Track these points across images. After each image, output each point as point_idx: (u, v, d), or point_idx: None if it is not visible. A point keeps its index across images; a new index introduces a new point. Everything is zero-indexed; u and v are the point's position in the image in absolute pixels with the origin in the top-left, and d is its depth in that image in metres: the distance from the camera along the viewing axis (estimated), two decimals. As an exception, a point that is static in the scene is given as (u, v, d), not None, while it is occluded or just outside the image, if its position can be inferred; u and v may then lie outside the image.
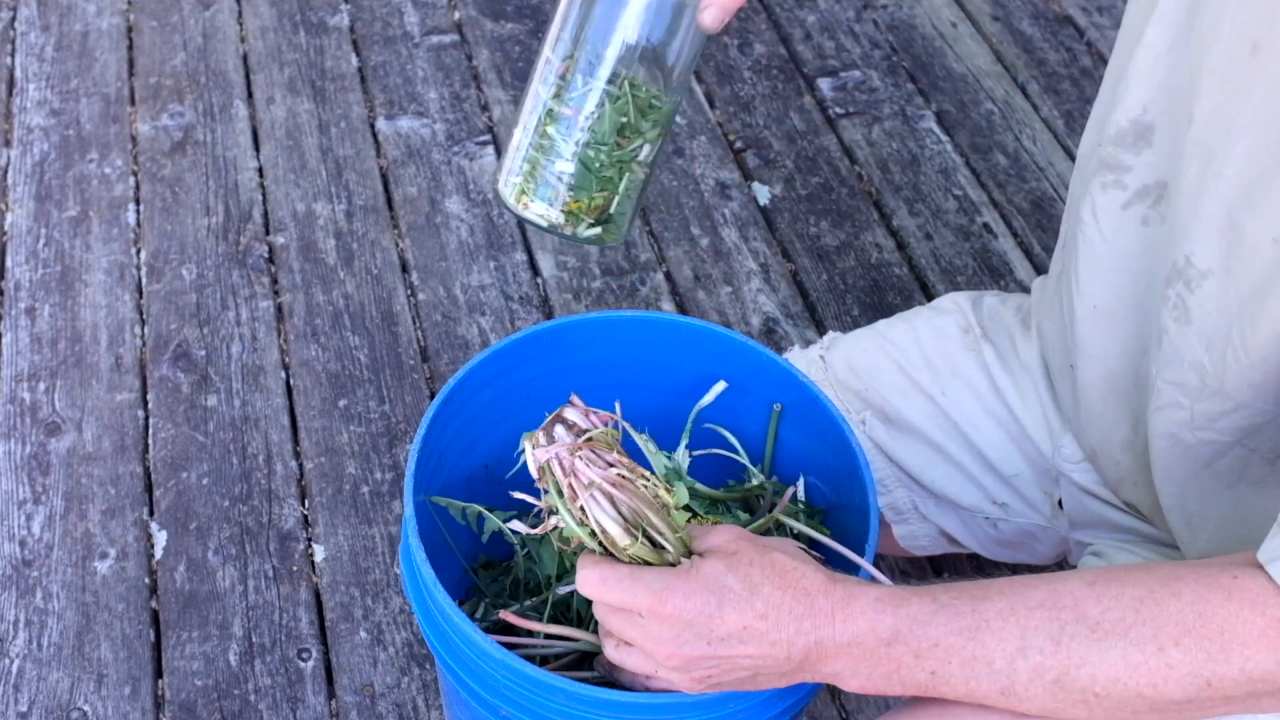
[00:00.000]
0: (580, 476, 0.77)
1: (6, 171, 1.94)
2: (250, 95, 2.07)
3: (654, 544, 0.79)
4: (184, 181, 1.93)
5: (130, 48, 2.14)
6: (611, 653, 0.83)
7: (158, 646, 1.42)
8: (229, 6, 2.21)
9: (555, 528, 0.81)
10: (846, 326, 1.76)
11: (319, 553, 1.51)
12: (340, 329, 1.74)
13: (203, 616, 1.44)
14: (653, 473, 0.83)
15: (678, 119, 2.04)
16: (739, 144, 2.03)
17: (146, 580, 1.48)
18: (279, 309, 1.76)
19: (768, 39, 2.21)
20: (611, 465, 0.78)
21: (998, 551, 1.27)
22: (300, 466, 1.59)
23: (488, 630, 0.89)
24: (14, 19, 2.17)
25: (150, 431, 1.62)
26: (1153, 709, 0.75)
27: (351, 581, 1.48)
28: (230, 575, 1.48)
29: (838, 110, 2.08)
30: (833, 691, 1.42)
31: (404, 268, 1.83)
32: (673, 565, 0.79)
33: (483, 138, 2.01)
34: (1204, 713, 0.76)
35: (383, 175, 1.96)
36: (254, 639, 1.43)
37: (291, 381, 1.68)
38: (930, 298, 1.82)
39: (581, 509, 0.78)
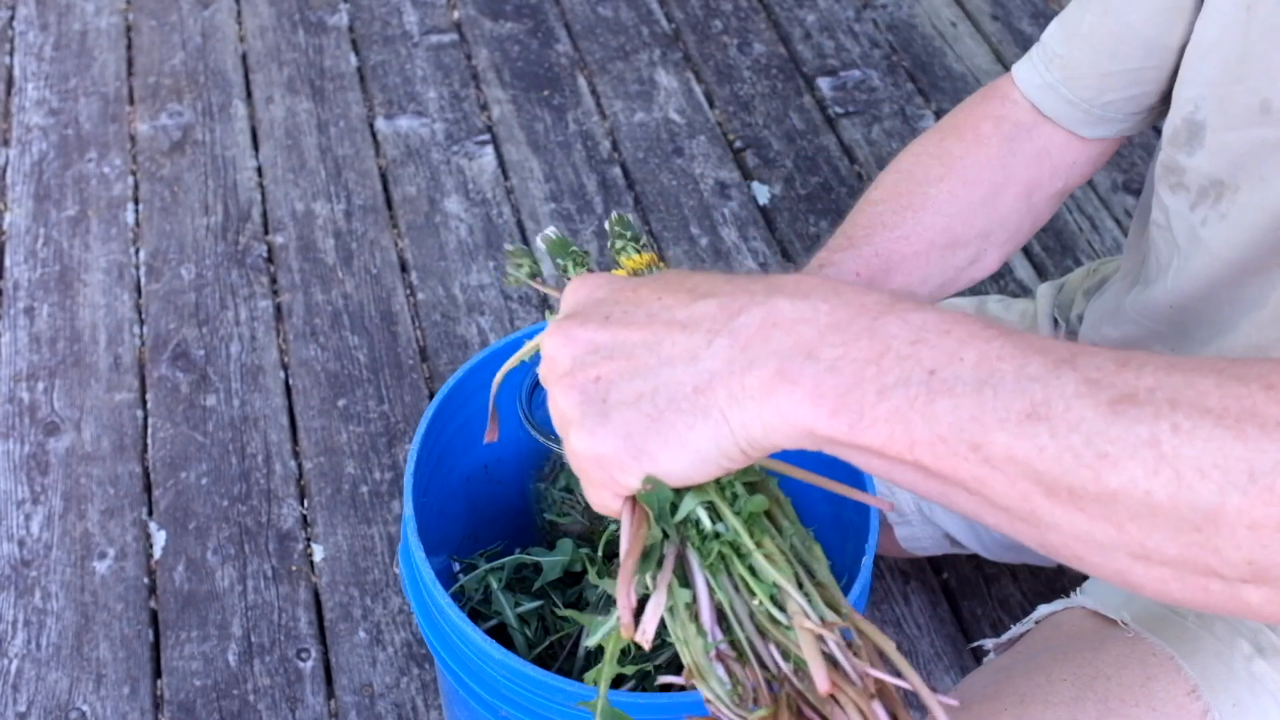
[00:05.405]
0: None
1: (5, 171, 1.93)
2: (249, 95, 2.06)
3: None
4: (183, 181, 1.92)
5: (129, 47, 2.13)
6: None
7: (156, 646, 1.42)
8: (228, 6, 2.21)
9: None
10: (846, 326, 1.76)
11: (318, 552, 1.51)
12: (339, 329, 1.74)
13: (202, 616, 1.44)
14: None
15: (676, 117, 2.04)
16: (738, 143, 2.03)
17: (145, 580, 1.48)
18: (278, 309, 1.76)
19: (767, 38, 2.21)
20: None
21: (1000, 553, 1.26)
22: (299, 466, 1.59)
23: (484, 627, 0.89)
24: (12, 18, 2.17)
25: (149, 431, 1.61)
26: (1153, 516, 0.49)
27: (350, 581, 1.48)
28: (229, 575, 1.48)
29: (837, 110, 2.08)
30: (832, 692, 1.42)
31: (403, 267, 1.82)
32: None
33: (482, 137, 2.01)
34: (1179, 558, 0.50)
35: (382, 175, 1.95)
36: (253, 639, 1.42)
37: (290, 381, 1.68)
38: (930, 297, 1.82)
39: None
